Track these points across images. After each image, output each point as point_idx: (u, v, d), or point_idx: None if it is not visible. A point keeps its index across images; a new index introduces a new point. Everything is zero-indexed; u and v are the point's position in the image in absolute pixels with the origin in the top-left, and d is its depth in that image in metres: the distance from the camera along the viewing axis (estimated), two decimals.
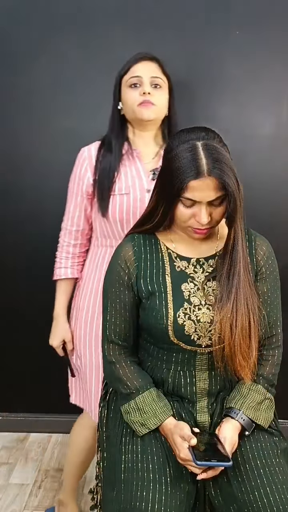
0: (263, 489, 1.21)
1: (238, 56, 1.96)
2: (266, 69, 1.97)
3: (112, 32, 1.98)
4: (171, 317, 1.30)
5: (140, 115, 1.60)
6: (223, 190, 1.22)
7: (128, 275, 1.35)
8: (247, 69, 1.96)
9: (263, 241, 1.40)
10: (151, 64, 1.62)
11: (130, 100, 1.61)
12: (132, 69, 1.61)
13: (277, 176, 2.07)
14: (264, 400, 1.35)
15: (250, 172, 2.04)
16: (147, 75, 1.60)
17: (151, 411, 1.31)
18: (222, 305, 1.28)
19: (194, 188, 1.21)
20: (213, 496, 1.28)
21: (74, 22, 1.95)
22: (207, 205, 1.24)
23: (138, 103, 1.60)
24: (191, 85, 1.95)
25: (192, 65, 1.96)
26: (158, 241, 1.38)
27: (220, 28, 1.95)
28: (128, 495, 1.22)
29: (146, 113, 1.60)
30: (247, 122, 2.02)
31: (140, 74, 1.60)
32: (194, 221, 1.26)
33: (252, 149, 2.03)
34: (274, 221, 2.09)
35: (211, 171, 1.19)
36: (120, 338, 1.38)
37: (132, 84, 1.60)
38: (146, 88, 1.59)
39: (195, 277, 1.34)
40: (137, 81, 1.60)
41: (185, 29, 1.95)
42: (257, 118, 2.02)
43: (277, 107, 2.01)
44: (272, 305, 1.38)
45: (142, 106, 1.59)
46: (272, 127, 2.03)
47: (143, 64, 1.61)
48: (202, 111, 1.99)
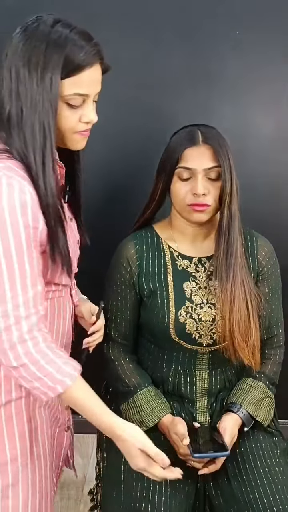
0: (263, 489, 1.21)
1: (238, 56, 1.95)
2: (266, 69, 1.97)
3: (112, 32, 1.98)
4: (173, 316, 1.30)
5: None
6: (218, 162, 1.26)
7: (130, 273, 1.35)
8: (247, 69, 1.96)
9: (264, 242, 1.40)
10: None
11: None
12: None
13: (277, 176, 2.07)
14: (265, 397, 1.35)
15: (250, 172, 2.04)
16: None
17: (149, 409, 1.31)
18: (222, 285, 1.28)
19: (190, 155, 1.27)
20: (213, 496, 1.28)
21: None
22: (203, 176, 1.26)
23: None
24: (191, 85, 1.94)
25: (192, 65, 1.96)
26: (160, 239, 1.39)
27: (220, 28, 1.94)
28: (128, 496, 1.22)
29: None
30: (247, 122, 2.02)
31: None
32: (191, 197, 1.27)
33: (252, 149, 2.03)
34: (274, 221, 2.08)
35: (206, 140, 1.27)
36: (120, 336, 1.39)
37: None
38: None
39: (197, 276, 1.35)
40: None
41: (185, 29, 1.95)
42: (257, 118, 2.02)
43: (277, 107, 2.01)
44: (274, 306, 1.39)
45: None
46: (272, 127, 2.03)
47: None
48: (202, 111, 1.99)
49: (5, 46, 1.06)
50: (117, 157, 1.97)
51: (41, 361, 1.02)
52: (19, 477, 1.12)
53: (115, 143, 1.95)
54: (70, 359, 1.07)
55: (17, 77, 1.03)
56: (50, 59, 1.01)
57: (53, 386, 1.02)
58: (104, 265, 1.45)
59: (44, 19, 1.06)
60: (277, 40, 1.95)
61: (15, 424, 1.12)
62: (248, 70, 1.97)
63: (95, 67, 1.07)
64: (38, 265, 1.04)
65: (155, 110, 1.93)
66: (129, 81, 1.87)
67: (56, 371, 1.02)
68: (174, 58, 1.89)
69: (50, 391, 1.03)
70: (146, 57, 1.90)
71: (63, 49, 1.02)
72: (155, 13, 1.94)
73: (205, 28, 1.94)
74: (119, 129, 1.93)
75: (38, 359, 1.01)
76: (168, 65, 1.89)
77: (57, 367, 1.03)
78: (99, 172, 1.94)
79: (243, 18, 1.93)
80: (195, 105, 1.97)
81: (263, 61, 1.97)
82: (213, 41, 1.95)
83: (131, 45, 1.82)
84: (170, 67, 1.89)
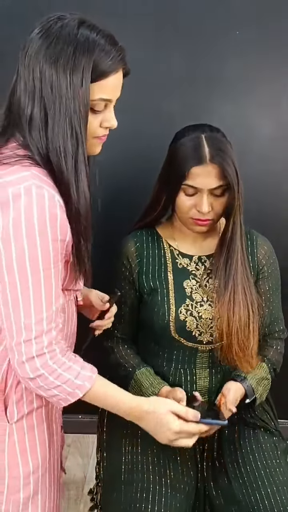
0: (264, 491, 1.21)
1: (238, 56, 1.95)
2: (266, 69, 1.97)
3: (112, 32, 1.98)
4: (173, 313, 1.31)
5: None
6: (225, 180, 1.24)
7: (129, 270, 1.37)
8: (247, 69, 1.96)
9: (264, 241, 1.41)
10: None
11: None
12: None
13: (277, 176, 2.07)
14: (265, 379, 1.36)
15: (250, 172, 2.04)
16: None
17: (148, 383, 1.32)
18: (219, 297, 1.29)
19: (196, 174, 1.23)
20: (213, 496, 1.27)
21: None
22: (208, 194, 1.25)
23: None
24: (191, 85, 1.94)
25: (192, 65, 1.96)
26: (160, 238, 1.40)
27: (220, 28, 1.94)
28: (128, 496, 1.22)
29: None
30: (247, 122, 2.02)
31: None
32: (195, 211, 1.28)
33: (252, 149, 2.03)
34: (274, 221, 2.09)
35: (213, 158, 1.22)
36: (119, 332, 1.41)
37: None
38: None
39: (197, 274, 1.36)
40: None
41: (185, 29, 1.95)
42: (257, 118, 2.02)
43: (277, 107, 2.01)
44: (274, 304, 1.40)
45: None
46: (272, 127, 2.03)
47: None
48: (202, 111, 1.99)
49: (24, 44, 1.02)
50: (117, 157, 1.97)
51: (59, 370, 1.01)
52: (39, 486, 1.12)
53: (114, 143, 1.95)
54: (86, 363, 1.07)
55: (41, 78, 0.97)
56: (79, 62, 0.97)
57: (73, 392, 1.02)
58: (105, 267, 1.45)
59: (68, 19, 1.02)
60: (277, 40, 1.95)
61: (36, 434, 1.11)
62: (248, 70, 1.97)
63: (119, 72, 1.05)
64: (62, 277, 1.02)
65: (155, 110, 1.93)
66: (129, 81, 1.87)
67: (74, 377, 1.02)
68: (174, 58, 1.89)
69: (70, 396, 1.02)
70: (146, 57, 1.90)
71: (91, 53, 0.98)
72: (155, 13, 1.94)
73: (205, 28, 1.94)
74: (118, 129, 1.93)
75: (56, 369, 1.01)
76: (168, 66, 1.89)
77: (75, 373, 1.02)
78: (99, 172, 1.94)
79: (243, 18, 1.93)
80: (195, 105, 1.96)
81: (263, 61, 1.97)
82: (213, 41, 1.95)
83: (131, 45, 1.82)
84: (170, 68, 1.89)
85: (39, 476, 1.12)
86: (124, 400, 1.09)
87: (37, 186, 0.94)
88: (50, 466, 1.15)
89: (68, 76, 0.97)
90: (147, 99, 1.92)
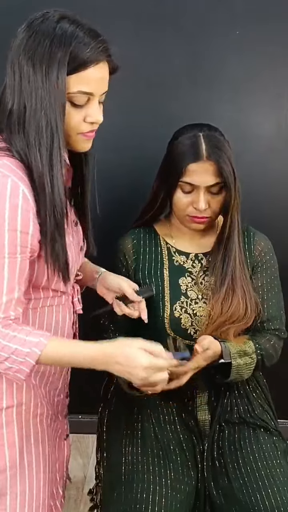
0: (265, 491, 1.21)
1: (238, 56, 1.95)
2: (266, 69, 1.97)
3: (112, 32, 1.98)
4: (168, 310, 1.32)
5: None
6: (221, 177, 1.25)
7: (126, 267, 1.39)
8: (247, 69, 1.96)
9: (262, 238, 1.42)
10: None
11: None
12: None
13: (277, 176, 2.07)
14: (247, 354, 1.31)
15: (250, 172, 2.04)
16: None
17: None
18: (214, 294, 1.30)
19: (193, 171, 1.25)
20: (214, 496, 1.27)
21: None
22: (205, 191, 1.26)
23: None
24: (191, 85, 1.94)
25: (192, 65, 1.96)
26: (158, 235, 1.42)
27: (220, 28, 1.94)
28: (128, 497, 1.22)
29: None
30: (247, 122, 2.02)
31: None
32: (192, 209, 1.29)
33: (252, 149, 2.03)
34: (273, 221, 2.09)
35: (210, 155, 1.24)
36: (114, 326, 1.42)
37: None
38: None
39: (193, 272, 1.37)
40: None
41: (185, 29, 1.95)
42: (257, 118, 2.02)
43: (277, 107, 2.01)
44: (271, 302, 1.39)
45: None
46: (272, 127, 2.03)
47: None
48: (202, 111, 1.99)
49: (9, 42, 1.02)
50: (116, 157, 1.97)
51: (3, 341, 0.98)
52: (7, 488, 1.09)
53: (115, 143, 1.95)
54: (35, 331, 1.02)
55: (20, 72, 0.98)
56: (55, 55, 0.96)
57: (24, 361, 0.98)
58: (104, 266, 1.45)
59: (50, 14, 1.01)
60: (277, 40, 1.95)
61: (4, 434, 1.09)
62: (248, 70, 1.97)
63: (101, 64, 1.02)
64: (22, 271, 0.99)
65: (155, 110, 1.94)
66: (129, 81, 1.87)
67: (21, 346, 0.98)
68: (174, 58, 1.89)
69: (23, 366, 0.99)
70: (146, 57, 1.90)
71: (68, 45, 0.97)
72: (155, 13, 1.94)
73: (205, 28, 1.94)
74: (118, 129, 1.93)
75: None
76: (168, 65, 1.89)
77: (21, 342, 0.99)
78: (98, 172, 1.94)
79: (243, 18, 1.93)
80: (195, 105, 1.97)
81: (263, 61, 1.97)
82: (213, 41, 1.95)
83: (131, 45, 1.82)
84: (170, 67, 1.89)
85: (7, 477, 1.09)
86: (84, 352, 1.03)
87: (3, 175, 0.95)
88: (24, 471, 1.11)
89: (44, 69, 0.97)
90: (147, 99, 1.93)
